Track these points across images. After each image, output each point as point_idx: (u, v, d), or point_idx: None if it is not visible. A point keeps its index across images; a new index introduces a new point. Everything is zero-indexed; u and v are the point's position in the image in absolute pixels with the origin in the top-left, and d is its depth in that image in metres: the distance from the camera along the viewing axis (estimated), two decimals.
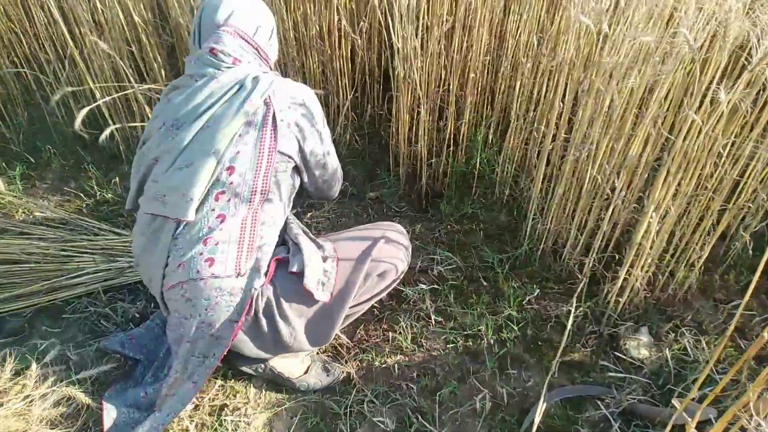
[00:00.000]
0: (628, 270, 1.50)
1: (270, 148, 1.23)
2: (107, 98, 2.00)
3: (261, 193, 1.24)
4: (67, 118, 2.29)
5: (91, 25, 1.94)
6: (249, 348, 1.32)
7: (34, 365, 1.45)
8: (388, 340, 1.57)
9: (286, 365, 1.44)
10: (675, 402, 0.94)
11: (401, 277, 1.47)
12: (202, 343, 1.25)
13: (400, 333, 1.58)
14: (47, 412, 1.35)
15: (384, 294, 1.45)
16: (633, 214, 1.61)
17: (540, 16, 1.76)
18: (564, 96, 1.57)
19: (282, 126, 1.25)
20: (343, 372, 1.49)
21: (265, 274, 1.26)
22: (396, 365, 1.51)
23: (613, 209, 1.50)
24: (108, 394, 1.39)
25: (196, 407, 1.41)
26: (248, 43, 1.27)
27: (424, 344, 1.56)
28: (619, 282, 1.52)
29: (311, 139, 1.32)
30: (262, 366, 1.43)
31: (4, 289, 1.64)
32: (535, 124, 1.77)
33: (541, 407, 1.26)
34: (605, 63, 1.37)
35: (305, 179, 1.40)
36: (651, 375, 1.46)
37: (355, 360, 1.53)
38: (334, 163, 1.44)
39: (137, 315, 1.60)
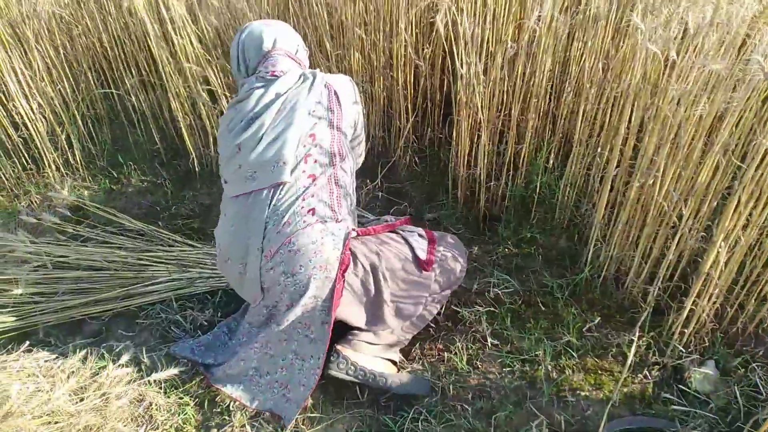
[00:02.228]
0: (694, 300, 1.46)
1: (338, 117, 1.48)
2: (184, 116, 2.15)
3: (339, 154, 1.46)
4: (146, 136, 2.46)
5: (167, 52, 2.09)
6: (350, 312, 1.45)
7: (110, 365, 1.55)
8: (444, 360, 1.58)
9: (376, 363, 1.49)
10: None
11: (462, 278, 1.63)
12: (311, 303, 1.39)
13: (456, 354, 1.59)
14: (122, 410, 1.44)
15: (450, 290, 1.61)
16: (701, 244, 1.56)
17: (604, 43, 1.76)
18: (629, 122, 1.56)
19: (344, 101, 1.50)
20: (428, 385, 1.52)
21: (354, 222, 1.50)
22: (451, 386, 1.51)
23: (680, 238, 1.47)
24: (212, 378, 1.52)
25: (257, 413, 1.46)
26: (292, 59, 1.52)
27: (479, 366, 1.56)
28: (685, 312, 1.48)
29: (357, 108, 1.58)
30: (352, 366, 1.46)
31: (87, 294, 1.77)
32: (599, 150, 1.76)
33: None
34: (673, 90, 1.36)
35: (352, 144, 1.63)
36: (718, 411, 1.40)
37: (412, 372, 1.54)
38: (364, 131, 1.71)
39: (205, 323, 1.69)
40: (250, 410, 1.46)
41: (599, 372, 1.52)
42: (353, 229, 1.47)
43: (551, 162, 2.00)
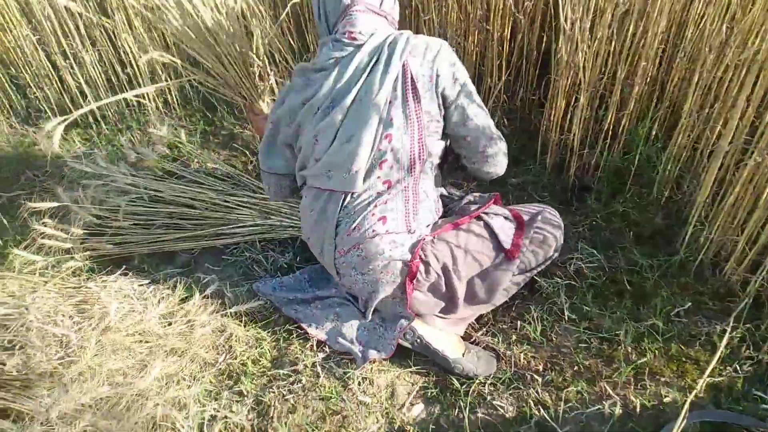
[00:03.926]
0: None
1: (416, 110, 1.27)
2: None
3: (419, 159, 1.29)
4: None
5: None
6: (421, 307, 1.44)
7: (197, 295, 1.65)
8: (516, 329, 1.55)
9: (440, 339, 1.46)
10: None
11: (556, 257, 1.51)
12: (386, 298, 1.41)
13: (530, 323, 1.55)
14: (204, 337, 1.54)
15: (541, 268, 1.51)
16: None
17: (729, 3, 1.58)
18: (751, 93, 1.40)
19: (421, 85, 1.27)
20: (498, 366, 1.47)
21: (428, 227, 1.39)
22: (522, 354, 1.49)
23: None
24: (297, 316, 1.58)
25: (328, 356, 1.51)
26: (377, 14, 1.32)
27: (553, 339, 1.52)
28: None
29: (452, 90, 1.31)
30: (418, 339, 1.45)
31: (178, 229, 1.87)
32: (711, 123, 1.61)
33: (680, 424, 1.18)
34: None
35: (455, 145, 1.42)
36: None
37: (480, 343, 1.53)
38: (481, 120, 1.35)
39: (285, 265, 1.75)
40: (324, 350, 1.51)
41: (684, 360, 1.43)
42: (426, 236, 1.37)
43: (654, 132, 1.85)
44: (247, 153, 2.26)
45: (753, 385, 1.37)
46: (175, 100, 2.45)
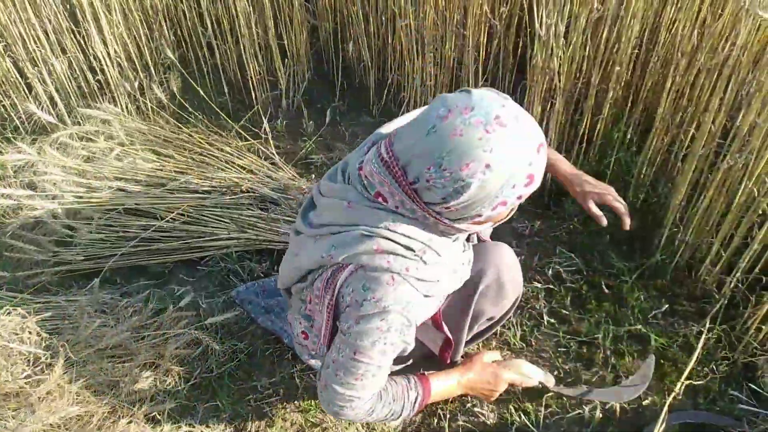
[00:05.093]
0: None
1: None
2: None
3: None
4: (214, 87, 2.48)
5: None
6: None
7: (170, 307, 1.61)
8: (496, 334, 1.54)
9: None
10: None
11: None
12: None
13: (509, 329, 1.55)
14: (179, 350, 1.50)
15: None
16: None
17: (702, 9, 1.60)
18: (723, 97, 1.43)
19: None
20: None
21: None
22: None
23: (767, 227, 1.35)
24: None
25: (306, 367, 1.48)
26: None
27: (533, 344, 1.51)
28: (765, 308, 1.37)
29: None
30: None
31: (151, 241, 1.82)
32: (684, 126, 1.63)
33: (660, 426, 1.18)
34: None
35: None
36: None
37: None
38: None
39: (262, 274, 1.71)
40: (301, 361, 1.48)
41: (662, 362, 1.44)
42: None
43: (629, 137, 1.87)
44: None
45: (729, 386, 1.38)
46: (149, 107, 2.41)
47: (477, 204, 0.87)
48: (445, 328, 1.18)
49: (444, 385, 1.17)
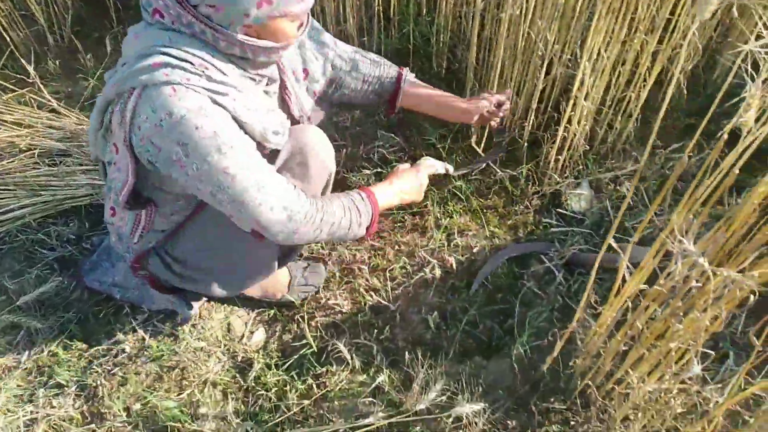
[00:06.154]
0: (566, 126, 1.49)
1: None
2: None
3: None
4: None
5: None
6: None
7: None
8: None
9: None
10: (612, 242, 0.95)
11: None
12: None
13: None
14: None
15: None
16: (569, 70, 1.57)
17: None
18: None
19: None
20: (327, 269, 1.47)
21: None
22: (346, 250, 1.51)
23: (548, 65, 1.46)
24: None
25: (149, 317, 1.40)
26: None
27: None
28: (558, 139, 1.51)
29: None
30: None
31: None
32: None
33: (490, 269, 1.30)
34: None
35: None
36: (592, 226, 1.50)
37: (302, 256, 1.52)
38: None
39: (72, 236, 1.54)
40: (142, 312, 1.39)
41: (485, 210, 1.56)
42: None
43: (424, 10, 1.88)
44: None
45: (542, 216, 1.55)
46: None
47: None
48: None
49: (385, 196, 1.21)
